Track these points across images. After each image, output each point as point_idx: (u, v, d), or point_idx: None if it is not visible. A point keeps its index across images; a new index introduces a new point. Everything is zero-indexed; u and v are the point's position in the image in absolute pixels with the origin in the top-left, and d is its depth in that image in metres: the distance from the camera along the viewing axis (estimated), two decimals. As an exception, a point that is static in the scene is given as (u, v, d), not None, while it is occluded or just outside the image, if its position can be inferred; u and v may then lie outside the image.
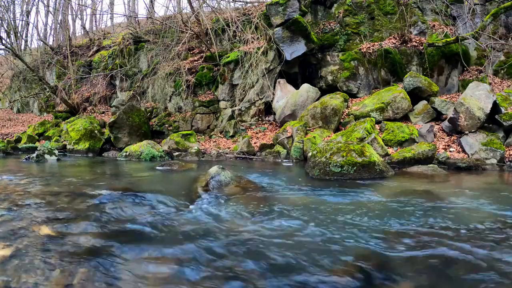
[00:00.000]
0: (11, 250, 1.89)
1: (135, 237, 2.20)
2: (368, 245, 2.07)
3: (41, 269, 1.71)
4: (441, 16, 8.95)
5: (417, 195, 3.36)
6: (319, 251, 1.98)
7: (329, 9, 9.76)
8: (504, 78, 8.24)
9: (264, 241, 2.12)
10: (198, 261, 1.85)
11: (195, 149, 7.45)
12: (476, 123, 6.09)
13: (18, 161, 6.83)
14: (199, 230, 2.33)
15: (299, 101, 8.14)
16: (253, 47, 8.98)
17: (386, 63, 8.39)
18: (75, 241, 2.07)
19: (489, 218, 2.60)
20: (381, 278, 1.69)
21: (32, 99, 15.22)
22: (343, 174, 4.31)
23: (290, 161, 6.59)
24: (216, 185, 3.56)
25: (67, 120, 10.41)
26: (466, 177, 4.72)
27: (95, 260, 1.82)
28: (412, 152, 5.55)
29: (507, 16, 8.45)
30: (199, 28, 10.62)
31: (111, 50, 13.17)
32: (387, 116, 7.06)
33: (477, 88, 6.45)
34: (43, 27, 28.60)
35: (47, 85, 13.03)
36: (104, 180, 4.30)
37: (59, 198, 3.08)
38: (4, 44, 12.41)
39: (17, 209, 2.67)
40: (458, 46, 8.00)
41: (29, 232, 2.19)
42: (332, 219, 2.56)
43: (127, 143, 8.45)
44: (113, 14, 20.29)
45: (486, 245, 2.06)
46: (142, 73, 11.58)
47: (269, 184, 3.99)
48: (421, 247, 2.04)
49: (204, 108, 9.52)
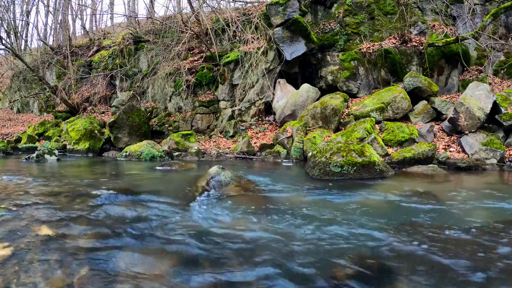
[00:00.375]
0: (11, 250, 1.89)
1: (135, 237, 2.20)
2: (368, 245, 2.07)
3: (41, 269, 1.71)
4: (441, 16, 8.95)
5: (417, 195, 3.36)
6: (319, 251, 1.98)
7: (329, 9, 9.76)
8: (504, 78, 8.24)
9: (264, 241, 2.12)
10: (197, 261, 1.85)
11: (195, 149, 7.45)
12: (476, 123, 6.09)
13: (18, 161, 6.83)
14: (199, 230, 2.33)
15: (299, 101, 8.14)
16: (253, 47, 8.98)
17: (386, 63, 8.39)
18: (75, 241, 2.07)
19: (489, 218, 2.60)
20: (380, 278, 1.69)
21: (32, 99, 15.22)
22: (343, 174, 4.31)
23: (290, 161, 6.59)
24: (216, 185, 3.56)
25: (67, 120, 10.41)
26: (466, 177, 4.72)
27: (95, 260, 1.82)
28: (412, 152, 5.55)
29: (507, 16, 8.45)
30: (199, 28, 10.62)
31: (111, 50, 13.17)
32: (387, 116, 7.06)
33: (477, 88, 6.45)
34: (43, 27, 28.63)
35: (47, 85, 13.03)
36: (104, 180, 4.30)
37: (59, 198, 3.08)
38: (4, 44, 12.42)
39: (17, 209, 2.67)
40: (458, 46, 8.00)
41: (29, 232, 2.19)
42: (333, 219, 2.56)
43: (127, 143, 8.45)
44: (113, 14, 20.31)
45: (486, 245, 2.06)
46: (142, 73, 11.58)
47: (269, 184, 3.99)
48: (421, 247, 2.04)
49: (204, 108, 9.52)
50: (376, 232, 2.28)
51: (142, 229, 2.34)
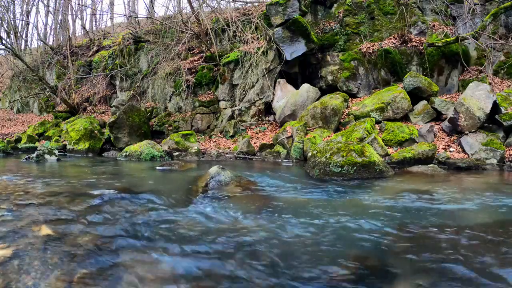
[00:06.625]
0: (11, 250, 1.89)
1: (134, 237, 2.20)
2: (367, 245, 2.07)
3: (41, 269, 1.71)
4: (441, 16, 8.95)
5: (417, 195, 3.36)
6: (319, 250, 1.98)
7: (329, 9, 9.76)
8: (504, 78, 8.24)
9: (264, 241, 2.12)
10: (197, 261, 1.85)
11: (195, 149, 7.45)
12: (476, 123, 6.09)
13: (18, 161, 6.83)
14: (199, 230, 2.33)
15: (299, 101, 8.14)
16: (253, 47, 8.98)
17: (386, 63, 8.39)
18: (75, 241, 2.07)
19: (489, 218, 2.60)
20: (380, 278, 1.69)
21: (32, 99, 15.22)
22: (343, 174, 4.31)
23: (290, 161, 6.59)
24: (216, 185, 3.56)
25: (67, 120, 10.41)
26: (466, 177, 4.72)
27: (95, 260, 1.82)
28: (412, 152, 5.55)
29: (507, 16, 8.45)
30: (199, 28, 10.62)
31: (111, 50, 13.17)
32: (387, 116, 7.05)
33: (477, 88, 6.45)
34: (43, 27, 28.64)
35: (47, 85, 13.03)
36: (104, 180, 4.30)
37: (59, 198, 3.08)
38: (4, 44, 12.41)
39: (17, 209, 2.67)
40: (458, 46, 8.00)
41: (29, 232, 2.19)
42: (333, 219, 2.56)
43: (127, 143, 8.45)
44: (113, 14, 20.27)
45: (486, 245, 2.06)
46: (142, 73, 11.58)
47: (269, 184, 3.99)
48: (420, 247, 2.04)
49: (204, 108, 9.52)
50: (376, 232, 2.28)
51: (142, 229, 2.34)
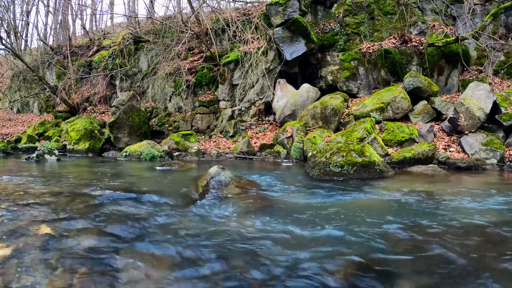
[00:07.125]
0: (11, 250, 1.89)
1: (135, 237, 2.19)
2: (367, 244, 2.07)
3: (41, 269, 1.71)
4: (441, 16, 8.95)
5: (417, 195, 3.36)
6: (319, 250, 1.97)
7: (329, 9, 9.76)
8: (504, 78, 8.24)
9: (265, 241, 2.12)
10: (196, 261, 1.85)
11: (195, 149, 7.45)
12: (476, 123, 6.09)
13: (18, 161, 6.83)
14: (199, 230, 2.33)
15: (299, 101, 8.14)
16: (253, 47, 8.98)
17: (386, 63, 8.39)
18: (75, 241, 2.07)
19: (489, 218, 2.60)
20: (380, 278, 1.69)
21: (32, 99, 15.22)
22: (343, 174, 4.31)
23: (290, 161, 6.59)
24: (216, 185, 3.56)
25: (67, 120, 10.41)
26: (466, 177, 4.72)
27: (95, 260, 1.82)
28: (412, 152, 5.55)
29: (507, 16, 8.45)
30: (199, 28, 10.62)
31: (111, 50, 13.17)
32: (387, 116, 7.05)
33: (477, 88, 6.45)
34: (43, 27, 28.64)
35: (47, 85, 13.03)
36: (104, 180, 4.30)
37: (59, 198, 3.07)
38: (4, 44, 12.41)
39: (17, 209, 2.67)
40: (458, 46, 8.00)
41: (29, 232, 2.19)
42: (333, 219, 2.56)
43: (127, 143, 8.45)
44: (113, 14, 20.28)
45: (486, 245, 2.06)
46: (142, 73, 11.58)
47: (269, 184, 3.99)
48: (420, 247, 2.04)
49: (204, 108, 9.52)
50: (376, 232, 2.28)
51: (143, 229, 2.33)
